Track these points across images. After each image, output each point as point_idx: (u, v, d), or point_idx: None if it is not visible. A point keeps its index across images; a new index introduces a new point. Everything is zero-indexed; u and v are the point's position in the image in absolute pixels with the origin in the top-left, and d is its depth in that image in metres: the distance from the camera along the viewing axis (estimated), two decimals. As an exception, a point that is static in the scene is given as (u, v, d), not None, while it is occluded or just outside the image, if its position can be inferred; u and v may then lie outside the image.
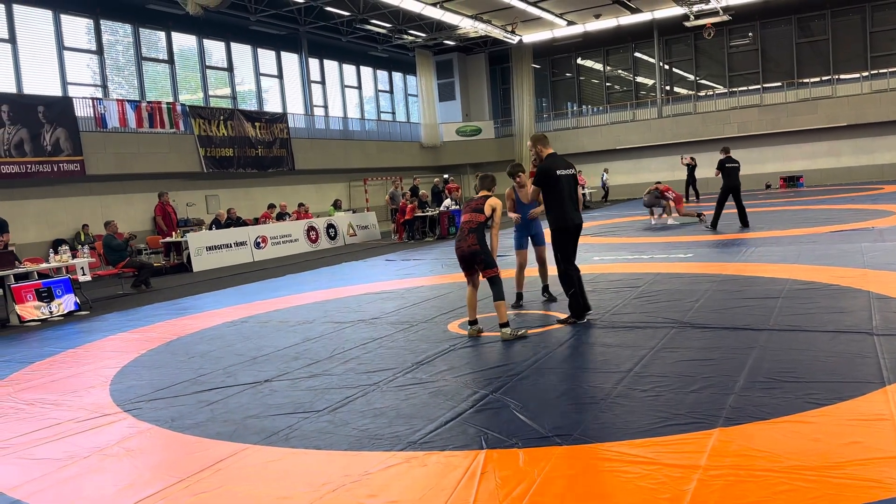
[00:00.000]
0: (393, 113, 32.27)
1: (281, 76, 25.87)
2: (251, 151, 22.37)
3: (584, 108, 33.74)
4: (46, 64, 18.21)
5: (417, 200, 19.92)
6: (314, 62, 27.28)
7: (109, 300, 11.67)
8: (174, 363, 6.47)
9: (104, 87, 19.50)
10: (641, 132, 30.94)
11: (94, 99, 18.20)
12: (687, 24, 27.91)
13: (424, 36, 29.16)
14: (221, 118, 21.47)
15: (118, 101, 18.76)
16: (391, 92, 32.36)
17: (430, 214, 19.70)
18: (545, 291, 8.02)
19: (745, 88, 29.93)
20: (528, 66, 33.08)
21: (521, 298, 7.84)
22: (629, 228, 16.06)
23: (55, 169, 16.70)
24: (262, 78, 25.08)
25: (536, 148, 6.71)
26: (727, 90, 30.27)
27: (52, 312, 10.03)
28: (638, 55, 32.32)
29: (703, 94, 30.98)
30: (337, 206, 22.14)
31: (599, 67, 33.40)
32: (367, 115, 30.42)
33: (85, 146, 17.36)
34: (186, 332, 8.03)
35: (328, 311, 8.59)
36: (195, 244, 15.62)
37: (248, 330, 7.80)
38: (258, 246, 17.17)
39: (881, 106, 26.69)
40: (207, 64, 22.98)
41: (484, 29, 27.84)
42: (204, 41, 22.77)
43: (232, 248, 16.47)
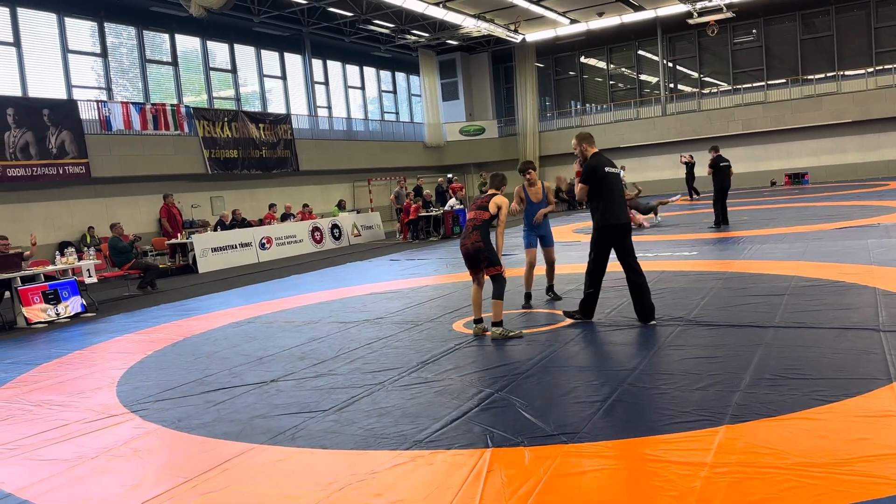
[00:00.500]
0: (396, 113, 32.28)
1: (284, 77, 25.90)
2: (255, 152, 22.41)
3: (587, 106, 33.68)
4: (51, 67, 18.29)
5: (422, 200, 19.94)
6: (317, 63, 27.32)
7: (115, 302, 11.71)
8: (180, 364, 6.49)
9: (108, 89, 19.57)
10: (645, 130, 30.84)
11: (98, 101, 18.26)
12: (690, 21, 27.83)
13: (427, 36, 29.17)
14: (225, 119, 21.52)
15: (122, 103, 18.82)
16: (394, 92, 32.37)
17: (434, 214, 19.71)
18: (549, 291, 8.00)
19: (749, 85, 29.83)
20: (531, 64, 33.05)
21: (529, 298, 7.79)
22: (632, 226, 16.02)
23: (60, 171, 16.76)
24: (265, 79, 25.13)
25: (582, 146, 6.44)
26: (731, 87, 30.16)
27: (58, 314, 10.07)
28: (641, 53, 32.24)
29: (707, 91, 30.86)
30: (341, 206, 22.18)
31: (603, 66, 33.32)
32: (370, 115, 30.44)
33: (90, 149, 17.42)
34: (192, 332, 8.05)
35: (333, 311, 8.60)
36: (200, 245, 15.65)
37: (253, 330, 7.82)
38: (263, 247, 17.20)
39: (886, 102, 26.56)
40: (211, 65, 23.03)
41: (487, 28, 27.82)
42: (207, 43, 22.83)
43: (237, 249, 16.51)
